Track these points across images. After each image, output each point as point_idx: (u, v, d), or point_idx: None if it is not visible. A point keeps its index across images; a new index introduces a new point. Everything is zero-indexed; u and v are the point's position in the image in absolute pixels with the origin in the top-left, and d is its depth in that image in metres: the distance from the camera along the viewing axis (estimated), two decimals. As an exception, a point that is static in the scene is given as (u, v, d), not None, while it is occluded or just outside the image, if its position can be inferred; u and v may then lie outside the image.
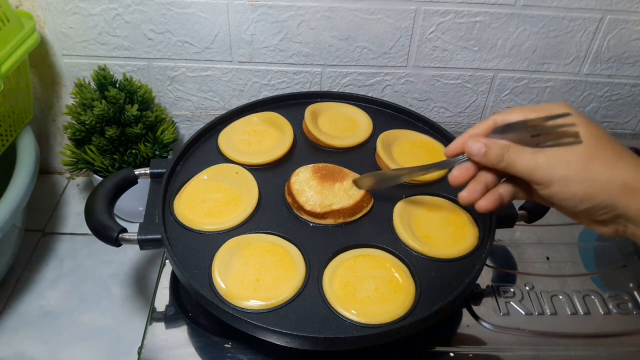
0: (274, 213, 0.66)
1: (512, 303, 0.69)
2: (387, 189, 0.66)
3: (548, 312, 0.68)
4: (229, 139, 0.75)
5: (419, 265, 0.61)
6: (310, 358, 0.63)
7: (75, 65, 0.96)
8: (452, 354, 0.63)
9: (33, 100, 0.94)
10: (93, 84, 0.91)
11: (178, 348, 0.63)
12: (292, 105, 0.83)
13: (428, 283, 0.59)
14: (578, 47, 0.93)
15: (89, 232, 0.63)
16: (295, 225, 0.65)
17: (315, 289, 0.58)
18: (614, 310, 0.69)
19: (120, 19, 0.90)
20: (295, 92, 0.90)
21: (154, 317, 0.66)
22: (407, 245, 0.63)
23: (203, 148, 0.76)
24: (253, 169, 0.71)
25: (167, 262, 0.72)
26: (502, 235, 0.78)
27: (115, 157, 0.91)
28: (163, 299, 0.68)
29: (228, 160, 0.73)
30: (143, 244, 0.62)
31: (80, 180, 1.12)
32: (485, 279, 0.72)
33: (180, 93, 0.99)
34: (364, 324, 0.55)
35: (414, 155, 0.74)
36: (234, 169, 0.71)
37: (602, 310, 0.69)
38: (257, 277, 0.58)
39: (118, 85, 0.91)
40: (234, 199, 0.67)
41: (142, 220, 0.64)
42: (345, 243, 0.63)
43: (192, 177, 0.70)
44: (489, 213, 0.57)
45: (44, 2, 0.88)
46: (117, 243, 0.62)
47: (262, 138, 0.76)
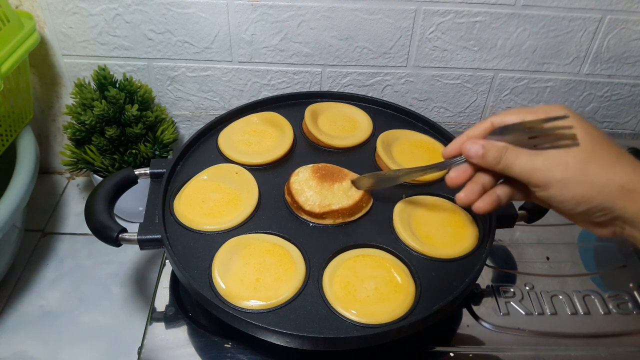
0: (274, 213, 0.66)
1: (512, 303, 0.69)
2: (387, 189, 0.66)
3: (548, 312, 0.68)
4: (229, 139, 0.75)
5: (419, 265, 0.61)
6: (310, 358, 0.63)
7: (75, 65, 0.96)
8: (452, 354, 0.63)
9: (33, 100, 0.94)
10: (93, 84, 0.91)
11: (178, 348, 0.63)
12: (292, 105, 0.83)
13: (428, 283, 0.59)
14: (578, 47, 0.93)
15: (89, 232, 0.63)
16: (295, 225, 0.65)
17: (315, 289, 0.58)
18: (614, 310, 0.69)
19: (120, 19, 0.89)
20: (295, 92, 0.89)
21: (154, 317, 0.66)
22: (407, 245, 0.63)
23: (203, 148, 0.76)
24: (253, 169, 0.71)
25: (167, 262, 0.72)
26: (502, 235, 0.78)
27: (115, 157, 0.91)
28: (163, 299, 0.68)
29: (228, 160, 0.73)
30: (143, 244, 0.62)
31: (80, 180, 1.12)
32: (485, 279, 0.72)
33: (180, 93, 0.99)
34: (364, 324, 0.55)
35: (414, 156, 0.74)
36: (234, 169, 0.71)
37: (602, 310, 0.69)
38: (257, 277, 0.58)
39: (118, 85, 0.91)
40: (234, 199, 0.67)
41: (142, 220, 0.64)
42: (346, 243, 0.63)
43: (192, 177, 0.70)
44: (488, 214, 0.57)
45: (44, 2, 0.88)
46: (117, 243, 0.62)
47: (262, 138, 0.76)
